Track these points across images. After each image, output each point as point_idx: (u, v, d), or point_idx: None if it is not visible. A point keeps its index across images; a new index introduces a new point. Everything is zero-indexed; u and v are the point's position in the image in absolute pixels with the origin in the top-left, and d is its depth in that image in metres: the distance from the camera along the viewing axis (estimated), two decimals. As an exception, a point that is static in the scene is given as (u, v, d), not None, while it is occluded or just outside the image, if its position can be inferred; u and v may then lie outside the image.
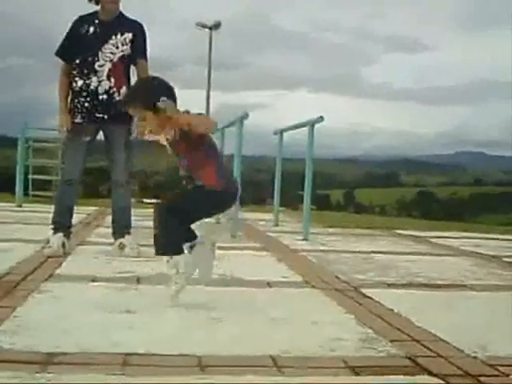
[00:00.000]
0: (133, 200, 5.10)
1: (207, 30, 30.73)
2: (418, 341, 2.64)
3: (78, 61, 4.69)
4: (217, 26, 30.87)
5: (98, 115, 4.69)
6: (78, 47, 4.68)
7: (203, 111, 3.53)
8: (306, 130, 6.70)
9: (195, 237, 3.22)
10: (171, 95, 3.15)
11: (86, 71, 4.66)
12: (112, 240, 4.87)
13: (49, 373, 2.07)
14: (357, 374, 2.21)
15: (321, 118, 6.48)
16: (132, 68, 4.82)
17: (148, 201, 9.51)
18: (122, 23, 4.74)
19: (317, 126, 6.54)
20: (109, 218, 5.16)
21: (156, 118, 3.09)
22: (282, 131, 8.06)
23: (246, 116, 6.49)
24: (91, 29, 4.70)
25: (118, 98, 4.67)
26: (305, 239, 6.41)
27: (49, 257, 4.42)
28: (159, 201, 3.54)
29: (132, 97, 3.30)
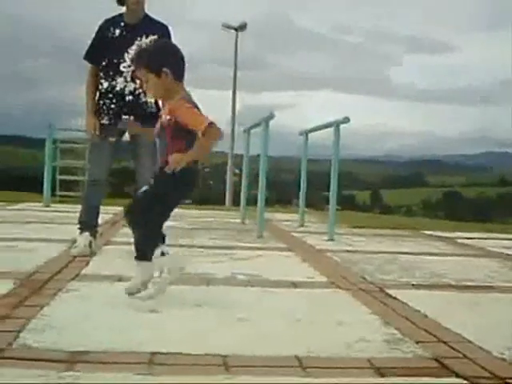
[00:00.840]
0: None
1: (233, 31, 30.80)
2: (444, 342, 2.61)
3: (103, 63, 4.72)
4: (242, 27, 30.95)
5: (123, 117, 4.72)
6: (105, 50, 4.72)
7: (229, 112, 3.54)
8: (330, 130, 6.67)
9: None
10: (176, 66, 3.16)
11: (111, 73, 4.69)
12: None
13: (75, 371, 2.08)
14: (382, 375, 2.19)
15: (347, 119, 6.45)
16: None
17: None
18: (148, 25, 4.76)
19: (342, 126, 6.52)
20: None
21: (158, 83, 3.10)
22: (307, 132, 8.05)
23: (271, 116, 6.49)
24: (117, 31, 4.73)
25: (143, 100, 4.70)
26: (330, 239, 6.39)
27: (75, 256, 4.46)
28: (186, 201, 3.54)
29: (139, 57, 3.26)
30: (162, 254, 3.24)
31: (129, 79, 4.67)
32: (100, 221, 5.05)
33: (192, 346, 2.40)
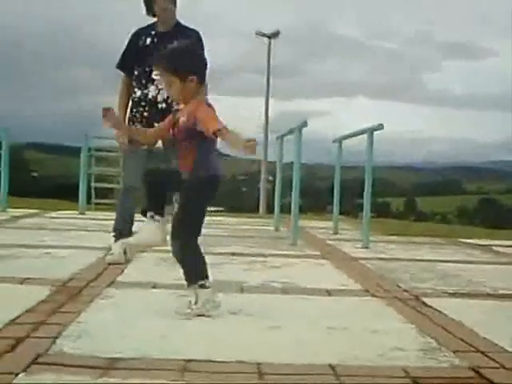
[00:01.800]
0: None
1: (266, 38, 30.94)
2: (482, 352, 2.57)
3: (136, 72, 4.77)
4: (275, 34, 31.10)
5: (156, 124, 4.75)
6: (137, 59, 4.77)
7: (262, 119, 3.52)
8: (364, 137, 6.64)
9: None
10: (201, 72, 3.14)
11: (143, 81, 4.74)
12: (172, 247, 4.91)
13: (110, 377, 2.10)
14: (418, 384, 2.16)
15: (381, 126, 6.40)
16: None
17: (208, 208, 9.57)
18: (179, 32, 4.80)
19: (375, 133, 6.48)
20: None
21: (181, 87, 3.06)
22: (341, 139, 8.01)
23: (304, 124, 6.48)
24: (148, 40, 4.78)
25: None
26: (365, 247, 6.35)
27: (111, 264, 4.50)
28: (221, 208, 3.54)
29: (163, 58, 3.16)
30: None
31: (160, 87, 4.70)
32: (135, 228, 5.08)
33: (226, 353, 2.40)
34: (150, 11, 4.81)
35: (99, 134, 12.95)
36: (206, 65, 3.23)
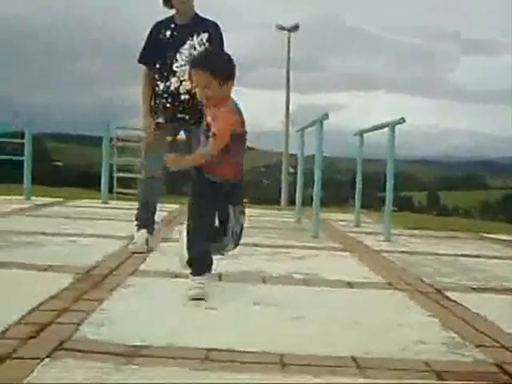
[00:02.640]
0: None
1: (286, 32, 30.86)
2: (506, 347, 2.55)
3: (157, 65, 4.78)
4: (295, 27, 31.04)
5: (179, 115, 4.76)
6: (158, 52, 4.77)
7: (283, 112, 3.53)
8: (385, 130, 6.59)
9: None
10: (235, 78, 3.22)
11: (165, 73, 4.74)
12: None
13: (132, 365, 2.11)
14: (441, 378, 2.15)
15: (402, 120, 6.35)
16: None
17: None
18: (198, 23, 4.79)
19: (397, 127, 6.43)
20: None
21: (218, 91, 3.12)
22: (362, 132, 7.97)
23: (325, 117, 6.45)
24: (168, 33, 4.78)
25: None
26: (386, 240, 6.32)
27: (133, 253, 4.53)
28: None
29: (205, 59, 3.25)
30: None
31: (182, 79, 4.70)
32: (157, 218, 5.11)
33: (248, 343, 2.41)
34: (168, 3, 4.80)
35: (121, 125, 13.03)
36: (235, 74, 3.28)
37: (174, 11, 4.85)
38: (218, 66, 3.15)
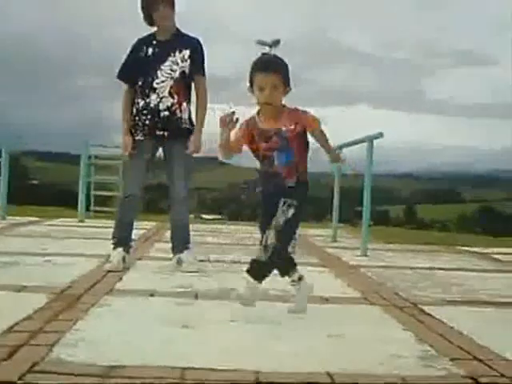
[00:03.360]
0: (191, 216, 5.14)
1: (267, 48, 31.08)
2: (480, 360, 2.56)
3: (139, 82, 4.77)
4: (276, 43, 31.18)
5: (158, 132, 4.76)
6: (138, 70, 4.77)
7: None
8: (364, 145, 6.64)
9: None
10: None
11: (146, 91, 4.74)
12: (171, 255, 4.91)
13: (108, 385, 2.09)
14: (416, 392, 2.16)
15: (380, 134, 6.40)
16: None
17: (207, 217, 9.58)
18: (180, 40, 4.81)
19: (377, 141, 6.48)
20: (168, 234, 5.23)
21: (281, 94, 3.25)
22: (341, 147, 8.01)
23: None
24: (149, 50, 4.78)
25: (178, 115, 4.74)
26: (363, 255, 6.34)
27: (109, 271, 4.50)
28: (219, 216, 3.59)
29: (278, 63, 3.36)
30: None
31: (162, 95, 4.71)
32: (134, 236, 5.08)
33: (224, 361, 2.40)
34: (148, 19, 4.81)
35: (101, 142, 12.97)
36: None
37: (155, 28, 4.86)
38: (287, 72, 3.30)
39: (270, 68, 3.24)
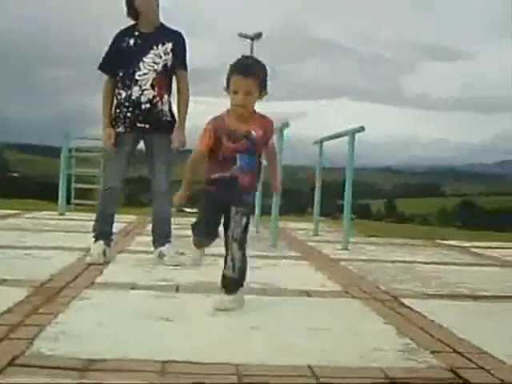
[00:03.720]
0: (173, 209, 5.13)
1: (249, 40, 31.00)
2: (459, 352, 2.59)
3: (120, 74, 4.75)
4: (258, 36, 31.18)
5: (139, 125, 4.74)
6: (120, 61, 4.74)
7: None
8: (345, 139, 6.66)
9: None
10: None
11: (127, 82, 4.72)
12: (152, 249, 4.90)
13: (89, 379, 2.09)
14: (396, 385, 2.17)
15: (361, 128, 6.43)
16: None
17: (189, 210, 9.56)
18: (163, 33, 4.79)
19: (357, 135, 6.50)
20: (149, 227, 5.21)
21: (255, 99, 3.21)
22: (321, 141, 8.03)
23: (286, 125, 6.48)
24: (131, 41, 4.76)
25: (160, 108, 4.73)
26: (345, 248, 6.37)
27: (90, 264, 4.48)
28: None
29: (255, 67, 3.25)
30: None
31: (144, 87, 4.69)
32: (115, 229, 5.06)
33: (204, 354, 2.40)
34: (132, 12, 4.78)
35: (80, 135, 12.88)
36: None
37: (137, 20, 4.82)
38: (265, 77, 3.24)
39: (248, 72, 3.17)
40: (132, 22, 4.84)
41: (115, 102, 4.80)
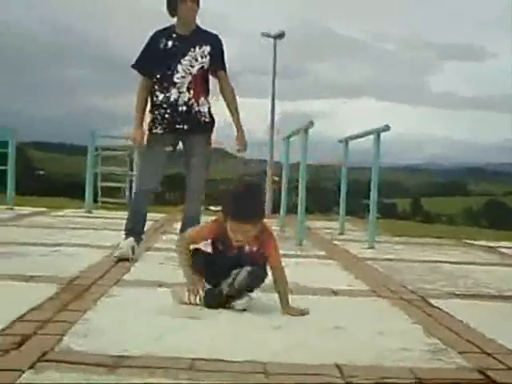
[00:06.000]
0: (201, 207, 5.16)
1: (271, 39, 30.98)
2: (488, 353, 2.56)
3: (158, 75, 4.77)
4: (281, 35, 31.15)
5: (177, 126, 4.78)
6: (158, 62, 4.76)
7: (268, 120, 3.55)
8: (370, 137, 6.63)
9: None
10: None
11: (165, 84, 4.74)
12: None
13: (117, 375, 2.10)
14: (424, 385, 2.16)
15: (387, 127, 6.39)
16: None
17: (214, 208, 9.59)
18: (200, 36, 4.80)
19: (382, 134, 6.46)
20: (175, 225, 5.24)
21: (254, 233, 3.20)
22: (347, 140, 8.00)
23: (310, 125, 6.47)
24: (169, 43, 4.77)
25: (197, 109, 4.76)
26: (371, 248, 6.34)
27: (118, 260, 4.51)
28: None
29: (263, 213, 3.31)
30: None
31: (181, 90, 4.72)
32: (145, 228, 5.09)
33: (232, 352, 2.40)
34: (172, 10, 4.78)
35: (104, 133, 12.99)
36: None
37: (174, 20, 4.83)
38: (263, 217, 3.26)
39: (247, 219, 3.14)
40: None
41: (152, 103, 4.83)
